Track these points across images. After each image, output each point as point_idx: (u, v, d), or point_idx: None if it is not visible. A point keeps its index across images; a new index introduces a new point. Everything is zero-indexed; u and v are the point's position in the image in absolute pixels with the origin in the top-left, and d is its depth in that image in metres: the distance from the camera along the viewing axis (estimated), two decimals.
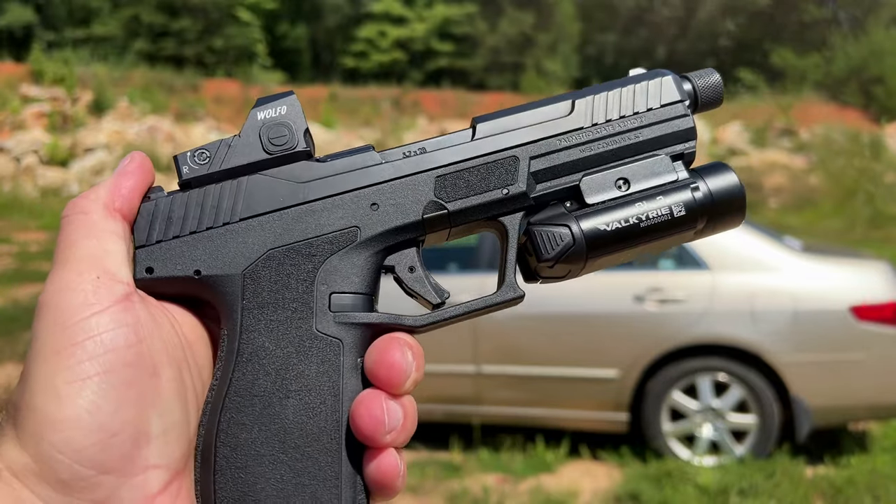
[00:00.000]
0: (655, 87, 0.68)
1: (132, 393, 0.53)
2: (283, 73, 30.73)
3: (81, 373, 0.52)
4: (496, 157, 0.65)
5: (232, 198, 0.62)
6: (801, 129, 22.15)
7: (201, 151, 0.63)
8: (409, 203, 0.63)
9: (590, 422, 5.17)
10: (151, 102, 22.63)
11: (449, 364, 5.14)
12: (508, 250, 0.65)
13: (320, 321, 0.60)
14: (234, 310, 0.60)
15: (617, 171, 0.66)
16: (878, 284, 4.78)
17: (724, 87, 0.72)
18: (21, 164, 18.83)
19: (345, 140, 20.27)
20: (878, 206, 16.26)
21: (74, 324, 0.53)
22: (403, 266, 0.64)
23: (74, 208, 0.58)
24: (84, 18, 30.39)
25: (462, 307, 0.64)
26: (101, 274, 0.55)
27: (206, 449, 0.58)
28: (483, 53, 34.60)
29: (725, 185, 0.67)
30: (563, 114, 0.66)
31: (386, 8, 33.18)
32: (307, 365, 0.59)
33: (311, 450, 0.58)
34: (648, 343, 4.92)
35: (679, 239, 0.66)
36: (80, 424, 0.51)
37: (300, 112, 0.64)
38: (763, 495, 4.42)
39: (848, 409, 4.84)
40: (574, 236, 0.63)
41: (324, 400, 0.59)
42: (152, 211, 0.62)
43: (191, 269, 0.61)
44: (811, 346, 4.74)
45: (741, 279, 4.86)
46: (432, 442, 5.52)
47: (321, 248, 0.61)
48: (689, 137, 0.67)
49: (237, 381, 0.58)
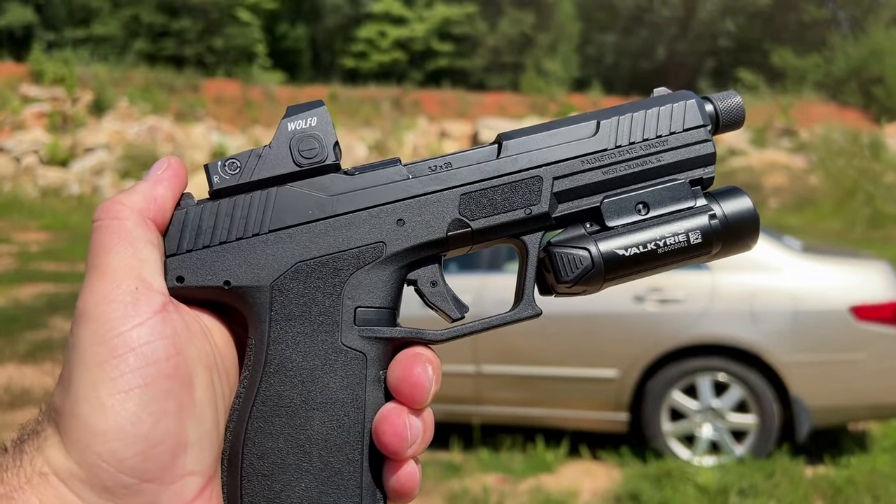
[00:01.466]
0: (679, 110, 0.69)
1: (171, 404, 0.55)
2: (283, 73, 30.73)
3: (124, 385, 0.53)
4: (520, 177, 0.66)
5: (261, 209, 0.63)
6: (801, 129, 22.17)
7: (232, 161, 0.64)
8: (434, 220, 0.64)
9: (590, 422, 5.17)
10: (151, 102, 22.64)
11: (449, 364, 5.15)
12: (528, 268, 0.66)
13: (346, 335, 0.61)
14: (263, 320, 0.61)
15: (637, 195, 0.67)
16: (878, 284, 4.78)
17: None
18: (21, 164, 18.84)
19: (345, 140, 20.26)
20: (878, 206, 16.26)
21: (116, 336, 0.54)
22: (426, 280, 0.66)
23: (108, 213, 0.59)
24: (84, 18, 30.39)
25: (481, 323, 0.66)
26: (139, 284, 0.56)
27: (233, 455, 0.59)
28: (483, 53, 34.60)
29: (740, 210, 0.68)
30: (588, 134, 0.67)
31: (386, 8, 33.18)
32: (332, 378, 0.60)
33: (335, 460, 0.59)
34: (648, 343, 4.92)
35: (694, 262, 0.68)
36: (123, 435, 0.53)
37: (330, 123, 0.65)
38: (763, 495, 4.42)
39: (848, 409, 4.84)
40: (593, 260, 0.64)
41: (347, 412, 0.60)
42: (182, 220, 0.62)
43: (221, 279, 0.61)
44: (811, 346, 4.74)
45: (741, 279, 4.86)
46: (432, 442, 5.48)
47: (348, 263, 0.62)
48: (708, 162, 0.69)
49: (264, 391, 0.60)
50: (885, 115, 24.39)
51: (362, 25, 33.71)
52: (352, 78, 30.69)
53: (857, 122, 23.22)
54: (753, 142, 21.55)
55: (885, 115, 24.29)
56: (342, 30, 34.80)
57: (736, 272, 4.87)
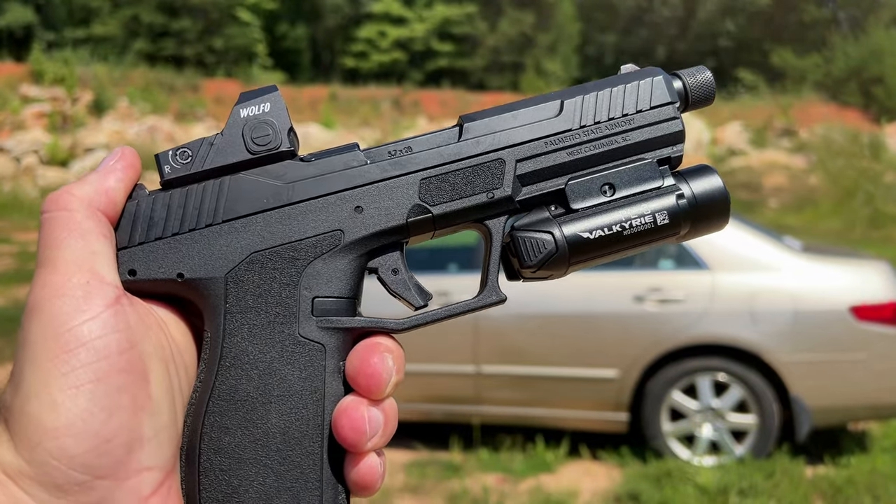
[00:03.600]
0: (646, 87, 0.66)
1: (125, 398, 0.54)
2: (283, 73, 30.74)
3: (75, 380, 0.52)
4: (482, 160, 0.64)
5: (214, 198, 0.61)
6: (801, 129, 22.17)
7: (183, 150, 0.62)
8: (393, 206, 0.62)
9: (590, 422, 5.17)
10: (151, 102, 22.65)
11: (449, 364, 5.14)
12: (492, 253, 0.64)
13: (303, 326, 0.60)
14: (218, 313, 0.60)
15: (602, 176, 0.65)
16: (878, 284, 4.78)
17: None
18: (21, 164, 18.84)
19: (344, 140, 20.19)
20: (878, 206, 16.26)
21: (67, 331, 0.53)
22: (387, 268, 0.64)
23: (57, 204, 0.57)
24: (84, 18, 30.40)
25: (443, 310, 0.64)
26: (91, 278, 0.55)
27: (190, 450, 0.58)
28: (483, 53, 34.61)
29: (709, 189, 0.66)
30: (552, 115, 0.65)
31: (386, 8, 33.19)
32: (290, 369, 0.59)
33: (294, 454, 0.58)
34: (648, 343, 4.92)
35: (662, 243, 0.66)
36: (74, 431, 0.51)
37: (284, 109, 0.63)
38: (763, 495, 4.42)
39: (848, 409, 4.84)
40: (557, 243, 0.63)
41: (306, 405, 0.59)
42: (134, 211, 0.61)
43: (173, 271, 0.60)
44: (811, 346, 4.73)
45: (741, 279, 4.86)
46: (432, 442, 5.52)
47: (304, 252, 0.61)
48: (677, 141, 0.66)
49: (220, 385, 0.58)
50: (885, 115, 24.40)
51: (362, 25, 33.72)
52: (352, 78, 30.72)
53: (857, 122, 23.22)
54: (753, 142, 21.56)
55: (885, 115, 24.30)
56: (342, 30, 34.81)
57: (736, 272, 4.87)
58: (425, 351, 5.06)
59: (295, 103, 24.85)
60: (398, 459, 5.30)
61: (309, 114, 23.49)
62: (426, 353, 5.08)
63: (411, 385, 5.21)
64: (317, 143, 19.33)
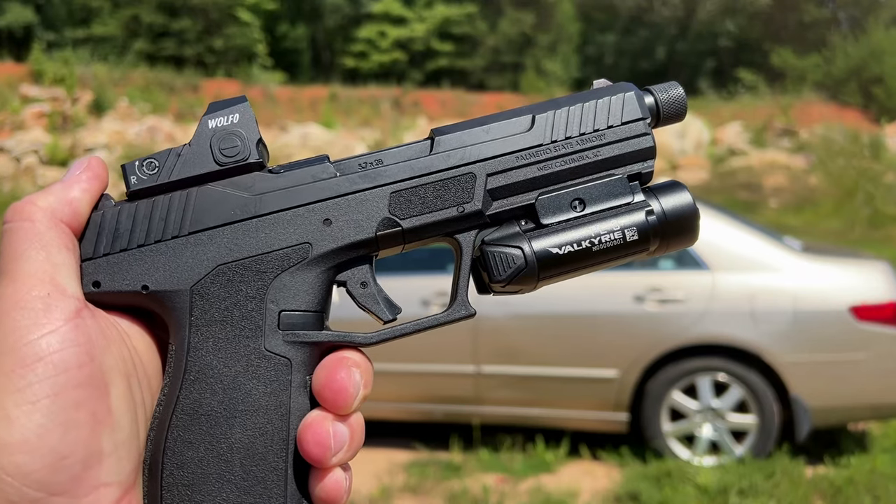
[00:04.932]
0: (617, 103, 0.67)
1: (83, 414, 0.53)
2: (283, 73, 30.75)
3: (31, 396, 0.51)
4: (453, 174, 0.64)
5: (181, 210, 0.60)
6: (801, 129, 22.17)
7: (150, 161, 0.61)
8: (362, 219, 0.62)
9: (590, 422, 5.17)
10: (151, 102, 22.65)
11: (449, 364, 5.15)
12: (462, 267, 0.64)
13: (269, 340, 0.59)
14: (183, 326, 0.59)
15: (573, 191, 0.65)
16: (878, 284, 4.78)
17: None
18: (21, 164, 18.84)
19: (345, 140, 20.27)
20: (878, 206, 16.25)
21: (25, 344, 0.52)
22: (356, 282, 0.63)
23: (20, 215, 0.56)
24: (84, 18, 30.41)
25: (412, 325, 0.64)
26: (52, 290, 0.54)
27: (153, 464, 0.57)
28: (483, 53, 34.62)
29: (679, 205, 0.66)
30: (524, 129, 0.65)
31: (386, 8, 33.20)
32: (255, 384, 0.58)
33: (258, 469, 0.58)
34: (648, 343, 4.92)
35: (632, 259, 0.66)
36: (28, 448, 0.50)
37: (253, 120, 0.62)
38: (763, 495, 4.42)
39: (848, 409, 4.85)
40: (526, 259, 0.63)
41: (271, 420, 0.58)
42: (99, 222, 0.60)
43: (138, 283, 0.59)
44: (811, 346, 4.74)
45: (741, 279, 4.86)
46: (432, 442, 5.52)
47: (271, 265, 0.60)
48: (648, 157, 0.67)
49: (184, 399, 0.58)
50: (885, 115, 24.40)
51: (362, 25, 33.73)
52: (352, 78, 30.71)
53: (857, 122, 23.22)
54: (753, 142, 21.56)
55: (885, 115, 24.30)
56: (342, 30, 34.82)
57: (736, 272, 4.87)
58: (425, 351, 5.06)
59: (295, 103, 24.86)
60: (398, 459, 5.30)
61: (309, 114, 23.49)
62: (426, 353, 5.08)
63: (411, 385, 5.21)
64: (317, 143, 19.32)
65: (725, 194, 16.67)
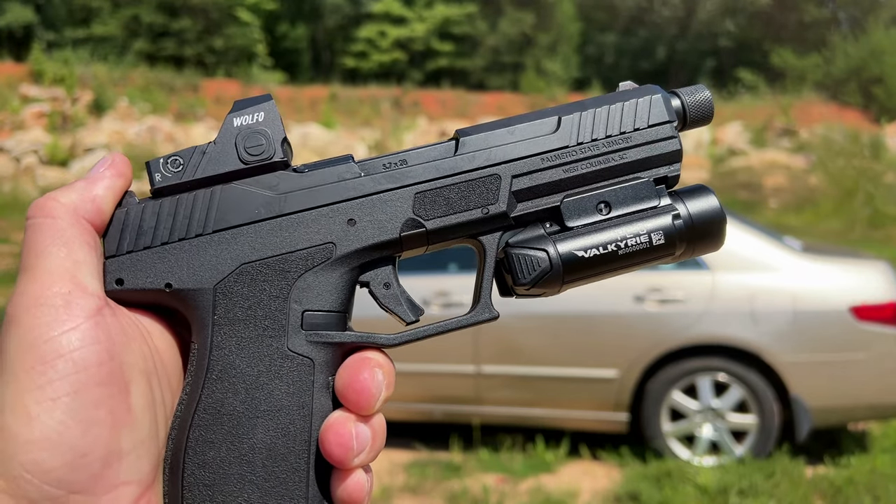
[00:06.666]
0: (644, 105, 0.66)
1: (102, 412, 0.52)
2: (283, 73, 30.76)
3: (52, 393, 0.51)
4: (478, 175, 0.63)
5: (205, 208, 0.60)
6: (801, 129, 22.17)
7: (175, 158, 0.61)
8: (386, 220, 0.62)
9: (590, 422, 5.17)
10: (151, 102, 22.65)
11: (449, 364, 5.15)
12: (486, 269, 0.64)
13: (292, 340, 0.59)
14: (206, 325, 0.58)
15: (598, 194, 0.64)
16: (878, 284, 4.78)
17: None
18: (21, 164, 18.84)
19: (345, 140, 20.27)
20: (878, 206, 16.25)
21: (45, 342, 0.52)
22: (379, 282, 0.63)
23: (42, 211, 0.56)
24: (84, 18, 30.41)
25: (435, 326, 0.63)
26: (73, 287, 0.54)
27: (174, 464, 0.57)
28: (483, 53, 34.62)
29: (706, 209, 0.65)
30: (549, 131, 0.65)
31: (386, 8, 33.21)
32: (278, 384, 0.58)
33: (279, 469, 0.57)
34: (648, 343, 4.92)
35: (658, 263, 0.66)
36: (49, 445, 0.50)
37: (278, 118, 0.62)
38: (763, 495, 4.42)
39: (848, 409, 4.84)
40: (552, 262, 0.62)
41: (293, 420, 0.58)
42: (123, 220, 0.60)
43: (161, 281, 0.59)
44: (811, 346, 4.74)
45: (741, 279, 4.86)
46: (432, 442, 5.52)
47: (295, 265, 0.60)
48: (674, 160, 0.66)
49: (206, 398, 0.57)
50: (885, 115, 24.40)
51: (362, 25, 33.74)
52: (352, 78, 30.73)
53: (857, 122, 23.22)
54: (753, 142, 21.56)
55: (885, 115, 24.30)
56: (342, 30, 34.82)
57: (736, 272, 4.87)
58: (425, 351, 5.06)
59: (295, 103, 24.85)
60: (398, 459, 5.30)
61: (309, 114, 23.49)
62: (426, 353, 5.08)
63: (411, 385, 5.21)
64: (317, 143, 19.32)
65: (725, 194, 16.66)
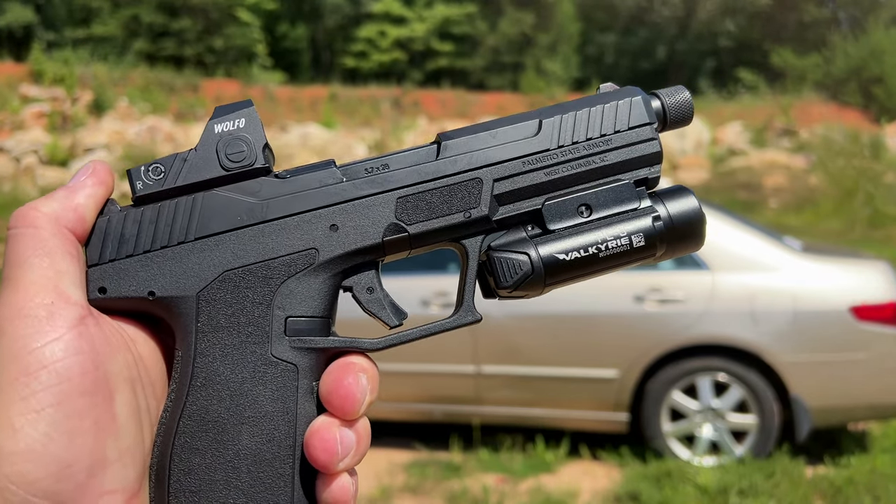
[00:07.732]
0: (624, 107, 0.66)
1: (87, 422, 0.53)
2: (283, 73, 30.75)
3: (36, 404, 0.51)
4: (459, 179, 0.63)
5: (187, 215, 0.60)
6: (801, 129, 22.16)
7: (156, 166, 0.61)
8: (369, 225, 0.62)
9: (590, 422, 5.17)
10: (151, 102, 22.64)
11: (449, 364, 5.15)
12: (468, 272, 0.64)
13: (276, 346, 0.59)
14: (189, 332, 0.59)
15: (579, 197, 0.65)
16: (878, 284, 4.78)
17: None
18: (21, 164, 18.83)
19: (345, 140, 20.26)
20: (878, 206, 16.24)
21: (29, 353, 0.52)
22: (362, 287, 0.63)
23: (23, 221, 0.56)
24: (84, 18, 30.41)
25: (418, 330, 0.63)
26: (56, 298, 0.54)
27: (159, 471, 0.57)
28: (483, 53, 34.62)
29: (685, 210, 0.66)
30: (530, 134, 0.65)
31: (386, 8, 33.20)
32: (262, 390, 0.58)
33: (265, 475, 0.58)
34: (648, 343, 4.92)
35: (639, 265, 0.66)
36: (33, 457, 0.50)
37: (259, 125, 0.62)
38: (763, 495, 4.42)
39: (848, 409, 4.84)
40: (533, 265, 0.63)
41: (278, 426, 0.58)
42: (105, 228, 0.60)
43: (144, 289, 0.59)
44: (811, 346, 4.74)
45: (741, 279, 4.86)
46: (432, 442, 5.52)
47: (278, 271, 0.60)
48: (655, 161, 0.66)
49: (191, 405, 0.58)
50: (885, 115, 24.39)
51: (362, 25, 33.73)
52: (352, 78, 30.71)
53: (857, 122, 23.22)
54: (753, 142, 21.55)
55: (885, 115, 24.29)
56: (342, 30, 34.82)
57: (736, 272, 4.87)
58: (425, 351, 5.06)
59: (295, 103, 24.85)
60: (398, 459, 5.30)
61: (309, 114, 23.48)
62: (426, 352, 5.08)
63: (411, 385, 5.21)
64: (317, 143, 19.32)
65: (725, 194, 16.66)
